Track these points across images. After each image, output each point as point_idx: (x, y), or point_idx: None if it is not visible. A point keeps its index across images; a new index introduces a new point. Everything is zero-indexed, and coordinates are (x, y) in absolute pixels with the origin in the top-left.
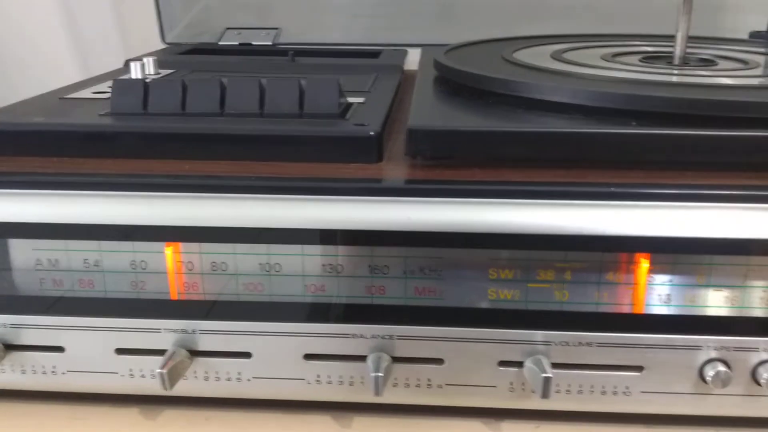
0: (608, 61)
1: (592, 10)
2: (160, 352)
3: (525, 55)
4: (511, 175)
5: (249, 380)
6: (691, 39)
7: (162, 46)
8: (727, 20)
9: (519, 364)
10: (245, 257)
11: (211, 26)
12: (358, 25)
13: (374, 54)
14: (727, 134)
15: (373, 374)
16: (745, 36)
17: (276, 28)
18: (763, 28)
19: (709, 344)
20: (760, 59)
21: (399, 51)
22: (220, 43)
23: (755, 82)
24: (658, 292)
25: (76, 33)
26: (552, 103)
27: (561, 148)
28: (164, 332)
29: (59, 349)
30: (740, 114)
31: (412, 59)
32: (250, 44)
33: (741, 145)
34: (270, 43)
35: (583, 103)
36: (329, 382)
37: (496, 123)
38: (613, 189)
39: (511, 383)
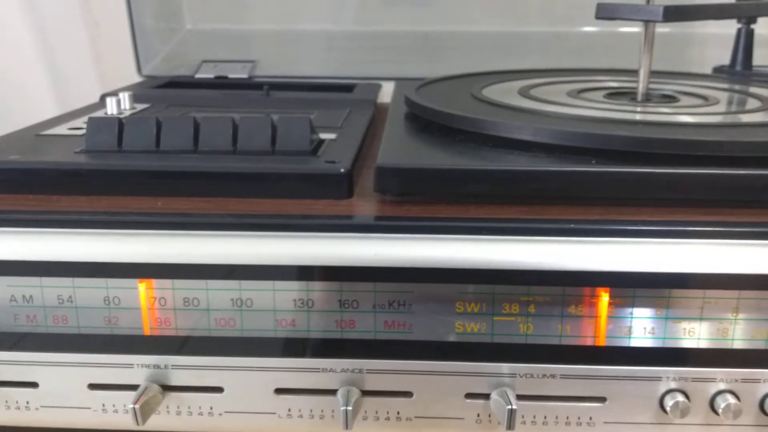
0: (573, 97)
1: (568, 43)
2: (132, 388)
3: (493, 92)
4: (475, 211)
5: (221, 415)
6: (656, 74)
7: (139, 78)
8: (694, 54)
9: (486, 396)
10: (217, 293)
11: (187, 59)
12: (334, 58)
13: (348, 88)
14: (680, 172)
15: (343, 408)
16: (710, 70)
17: (252, 61)
18: (727, 62)
19: (669, 375)
20: (720, 95)
21: (373, 85)
22: (197, 75)
23: (712, 119)
24: (618, 325)
25: (53, 65)
26: (516, 141)
27: (522, 185)
28: (137, 368)
29: (33, 384)
30: (695, 152)
31: (388, 91)
32: (227, 77)
33: (693, 182)
34: (246, 76)
35: (545, 142)
36: (300, 416)
37: (460, 161)
38: (572, 225)
39: (478, 415)
